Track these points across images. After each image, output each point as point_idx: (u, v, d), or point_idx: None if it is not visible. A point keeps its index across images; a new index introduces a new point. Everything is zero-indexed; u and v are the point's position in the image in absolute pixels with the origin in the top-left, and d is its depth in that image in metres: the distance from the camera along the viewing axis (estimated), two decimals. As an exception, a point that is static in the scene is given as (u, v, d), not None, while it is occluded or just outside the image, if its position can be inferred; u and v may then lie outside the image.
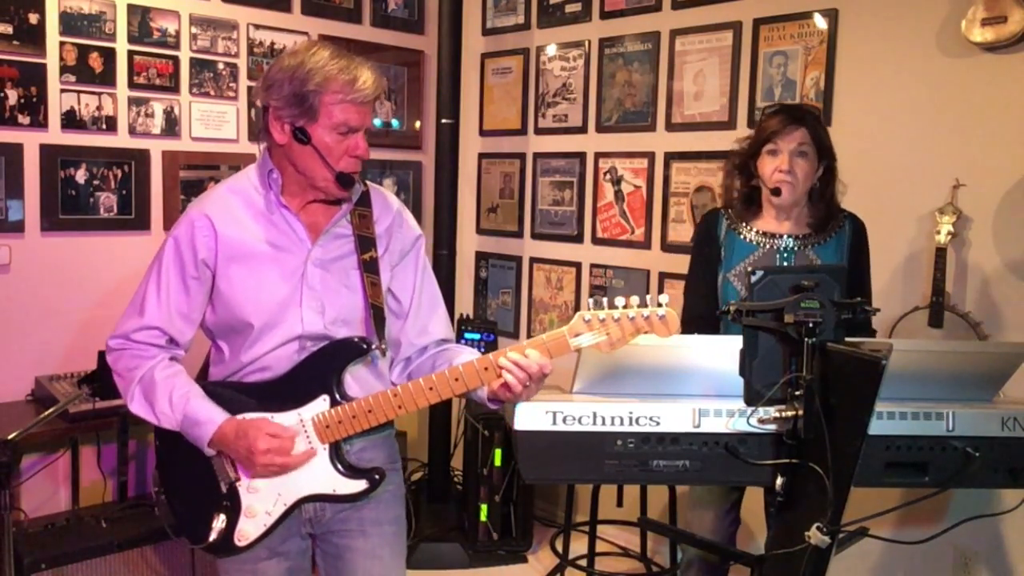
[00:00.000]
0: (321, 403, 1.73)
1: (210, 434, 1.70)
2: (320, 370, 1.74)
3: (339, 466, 1.75)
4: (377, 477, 1.76)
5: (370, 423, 1.72)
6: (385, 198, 1.90)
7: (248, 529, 1.75)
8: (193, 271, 1.76)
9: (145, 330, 1.78)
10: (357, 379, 1.79)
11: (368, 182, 1.89)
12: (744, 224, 2.39)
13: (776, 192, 2.28)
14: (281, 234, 1.77)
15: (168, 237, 1.79)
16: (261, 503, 1.75)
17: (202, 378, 1.88)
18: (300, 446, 1.72)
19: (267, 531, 1.76)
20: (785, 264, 2.32)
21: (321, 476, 1.74)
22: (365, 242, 1.80)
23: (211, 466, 1.77)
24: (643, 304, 1.61)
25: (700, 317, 2.34)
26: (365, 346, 1.75)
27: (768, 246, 2.34)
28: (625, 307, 1.60)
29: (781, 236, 2.34)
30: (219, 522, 1.75)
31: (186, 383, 1.76)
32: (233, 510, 1.75)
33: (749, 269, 1.83)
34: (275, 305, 1.74)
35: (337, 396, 1.73)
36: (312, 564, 1.93)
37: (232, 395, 1.76)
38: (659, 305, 1.61)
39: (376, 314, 1.78)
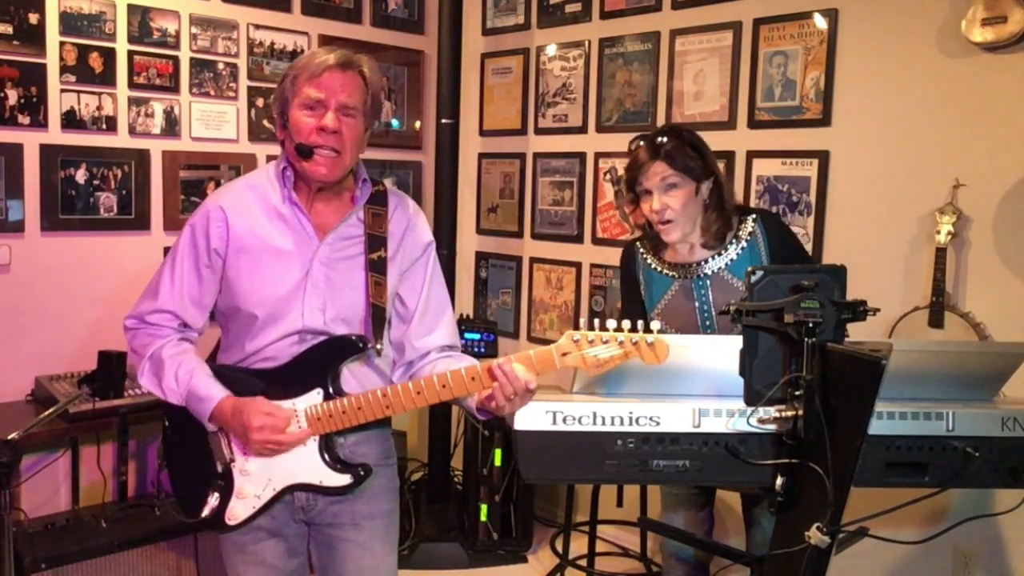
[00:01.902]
0: (315, 396, 1.77)
1: (210, 410, 1.76)
2: (316, 364, 1.78)
3: (327, 458, 1.79)
4: (362, 473, 1.80)
5: (358, 420, 1.76)
6: (402, 200, 1.96)
7: (238, 510, 1.81)
8: (206, 259, 1.84)
9: (158, 313, 1.86)
10: (356, 376, 1.83)
11: (387, 183, 1.95)
12: (656, 257, 2.34)
13: (649, 231, 2.24)
14: (291, 230, 1.82)
15: (186, 225, 1.87)
16: (252, 486, 1.80)
17: (211, 362, 1.94)
18: (294, 428, 1.76)
19: (256, 513, 1.81)
20: (702, 296, 2.28)
21: (309, 466, 1.79)
22: (375, 241, 1.84)
23: (210, 446, 1.83)
24: (634, 329, 1.61)
25: None
26: (361, 344, 1.78)
27: (684, 277, 2.30)
28: (617, 330, 1.60)
29: (691, 265, 2.29)
30: (213, 499, 1.82)
31: (192, 361, 1.82)
32: (226, 489, 1.81)
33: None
34: (278, 299, 1.80)
35: (331, 390, 1.77)
36: (309, 552, 1.97)
37: (236, 379, 1.82)
38: (650, 331, 1.60)
39: (376, 314, 1.81)
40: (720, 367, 1.81)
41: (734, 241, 2.28)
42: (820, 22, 3.02)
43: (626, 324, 1.60)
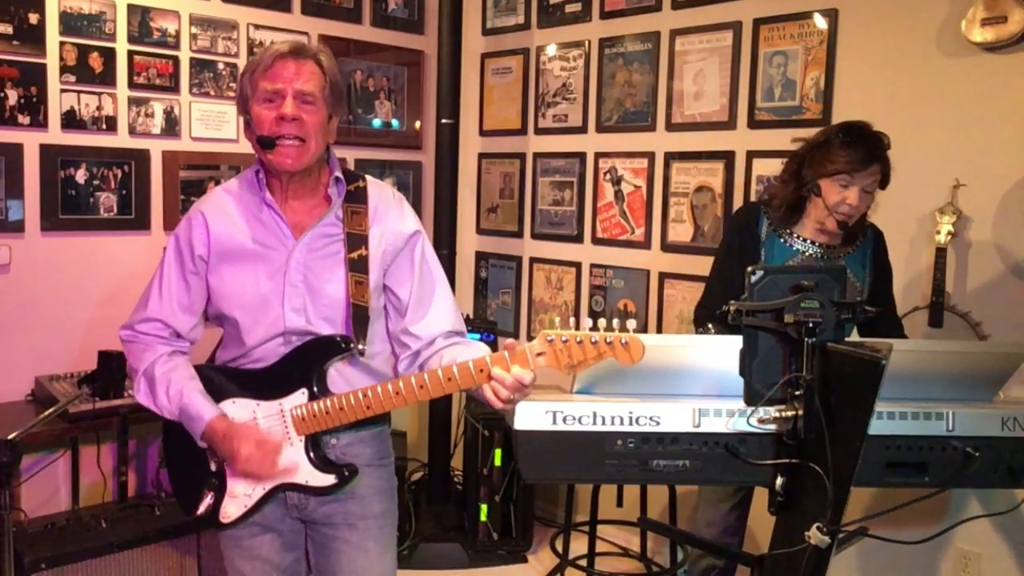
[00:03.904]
0: (300, 396, 1.78)
1: (200, 430, 1.78)
2: (300, 365, 1.79)
3: (313, 458, 1.80)
4: (347, 473, 1.80)
5: (342, 420, 1.76)
6: (382, 193, 1.90)
7: (230, 509, 1.83)
8: (192, 266, 1.86)
9: (148, 322, 1.88)
10: (343, 375, 1.82)
11: (368, 177, 1.93)
12: (785, 228, 2.39)
13: (843, 225, 2.28)
14: (268, 232, 1.83)
15: (171, 235, 1.90)
16: (241, 486, 1.82)
17: (211, 359, 1.96)
18: (284, 456, 1.77)
19: (248, 512, 1.83)
20: None
21: (295, 466, 1.79)
22: (355, 240, 1.82)
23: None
24: (613, 328, 1.54)
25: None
26: (344, 345, 1.78)
27: (807, 253, 2.36)
28: (592, 329, 1.55)
29: (817, 244, 2.36)
30: (208, 498, 1.84)
31: (182, 378, 1.83)
32: (220, 488, 1.83)
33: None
34: (258, 302, 1.81)
35: (316, 391, 1.77)
36: (307, 550, 1.98)
37: (226, 379, 1.85)
38: (625, 331, 1.54)
39: (357, 313, 1.80)
40: (720, 367, 1.81)
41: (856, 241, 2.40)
42: (820, 22, 3.02)
43: (601, 323, 1.55)
